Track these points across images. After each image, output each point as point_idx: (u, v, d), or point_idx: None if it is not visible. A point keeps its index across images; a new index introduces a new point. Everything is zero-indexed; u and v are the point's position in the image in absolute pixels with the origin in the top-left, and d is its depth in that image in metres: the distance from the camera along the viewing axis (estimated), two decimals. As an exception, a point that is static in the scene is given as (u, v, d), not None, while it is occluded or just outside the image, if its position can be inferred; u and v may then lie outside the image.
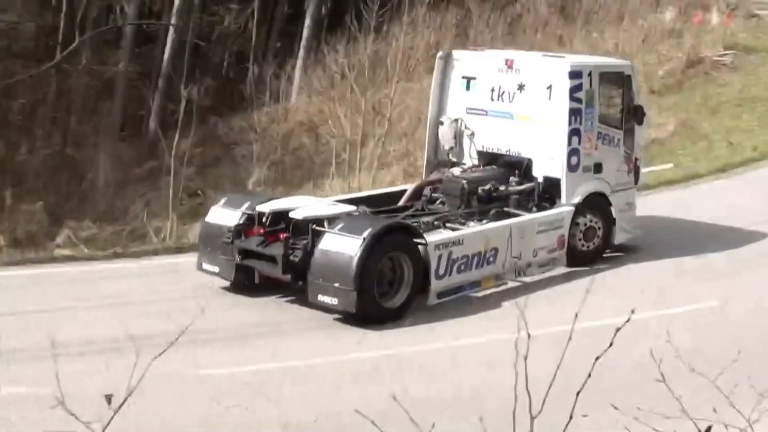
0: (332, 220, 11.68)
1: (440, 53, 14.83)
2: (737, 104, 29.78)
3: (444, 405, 8.24)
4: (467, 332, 10.82)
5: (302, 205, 12.21)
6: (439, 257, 11.68)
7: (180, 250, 14.91)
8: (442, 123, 14.38)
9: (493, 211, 13.48)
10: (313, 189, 21.24)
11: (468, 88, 14.22)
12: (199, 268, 12.52)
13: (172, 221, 16.40)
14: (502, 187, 13.68)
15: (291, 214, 11.84)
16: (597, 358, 2.38)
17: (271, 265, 11.72)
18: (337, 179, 20.30)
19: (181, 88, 21.41)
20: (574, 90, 13.46)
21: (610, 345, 2.32)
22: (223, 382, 9.18)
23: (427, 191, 14.09)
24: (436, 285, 11.72)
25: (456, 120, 14.31)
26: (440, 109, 14.50)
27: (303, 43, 30.77)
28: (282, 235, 11.75)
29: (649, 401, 4.12)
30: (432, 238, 11.87)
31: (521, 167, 13.88)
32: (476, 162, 14.29)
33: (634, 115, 14.21)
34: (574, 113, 13.47)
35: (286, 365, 9.74)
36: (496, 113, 14.04)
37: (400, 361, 9.87)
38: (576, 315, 2.50)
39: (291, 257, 11.48)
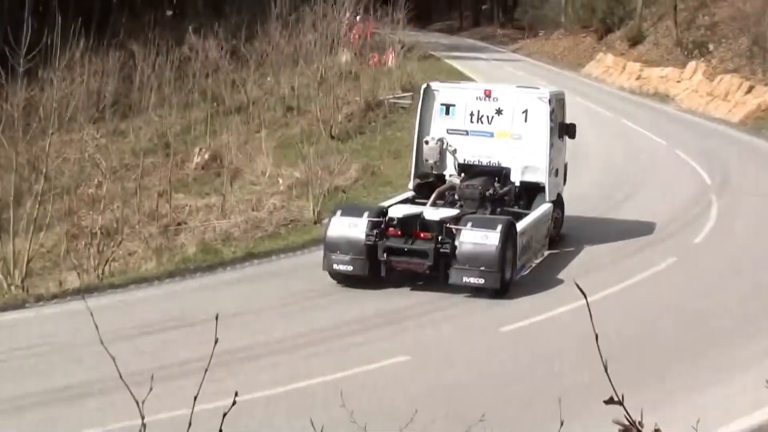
0: (457, 219, 15.77)
1: (423, 86, 18.83)
2: (417, 147, 31.53)
3: None
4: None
5: (419, 211, 16.09)
6: (519, 243, 15.88)
7: None
8: (426, 142, 18.42)
9: (498, 210, 17.63)
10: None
11: (447, 113, 18.49)
12: (329, 269, 15.75)
13: None
14: (493, 191, 17.93)
15: (426, 217, 15.78)
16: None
17: (418, 258, 15.43)
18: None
19: None
20: (551, 113, 18.04)
21: (189, 425, 2.32)
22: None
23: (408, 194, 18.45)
24: (518, 264, 15.95)
25: (440, 139, 18.41)
26: (423, 131, 18.56)
27: (-59, 91, 28.85)
28: (422, 234, 15.52)
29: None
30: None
31: (500, 175, 18.29)
32: (455, 173, 18.45)
33: (568, 130, 19.21)
34: (551, 131, 18.05)
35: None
36: (476, 133, 18.40)
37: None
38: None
39: (441, 250, 15.25)
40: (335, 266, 15.69)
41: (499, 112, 18.30)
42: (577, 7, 65.32)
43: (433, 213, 16.06)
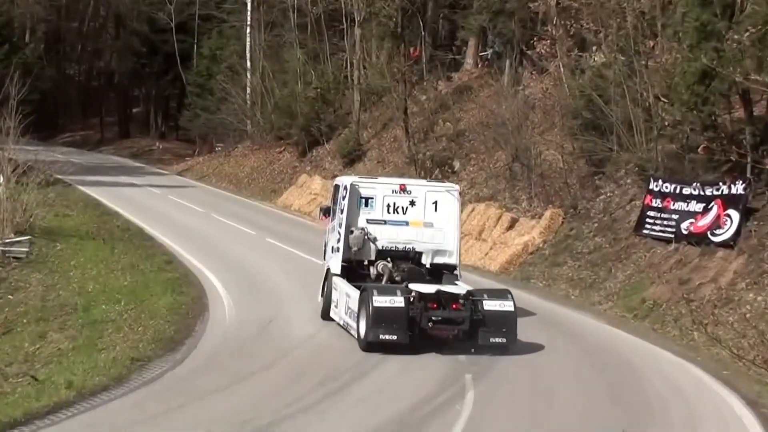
0: (475, 292, 27.22)
1: (351, 181, 30.18)
2: (41, 317, 30.93)
3: None
4: None
5: (435, 288, 27.10)
6: None
7: None
8: (351, 231, 29.38)
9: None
10: None
11: (367, 205, 29.71)
12: (376, 339, 25.91)
13: None
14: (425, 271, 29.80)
15: (454, 291, 27.24)
16: None
17: (453, 325, 26.44)
18: None
19: None
20: (459, 203, 30.66)
21: None
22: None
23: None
24: None
25: (362, 229, 29.57)
26: (350, 222, 29.51)
27: None
28: (454, 305, 26.57)
29: None
30: None
31: (413, 258, 29.84)
32: (373, 258, 29.71)
33: None
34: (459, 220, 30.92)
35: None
36: (393, 222, 29.81)
37: None
38: None
39: (474, 317, 26.33)
40: (381, 336, 25.85)
41: (412, 203, 29.89)
42: (268, 112, 66.75)
43: (451, 288, 27.57)
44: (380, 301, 25.97)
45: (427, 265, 29.90)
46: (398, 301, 26.02)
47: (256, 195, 59.18)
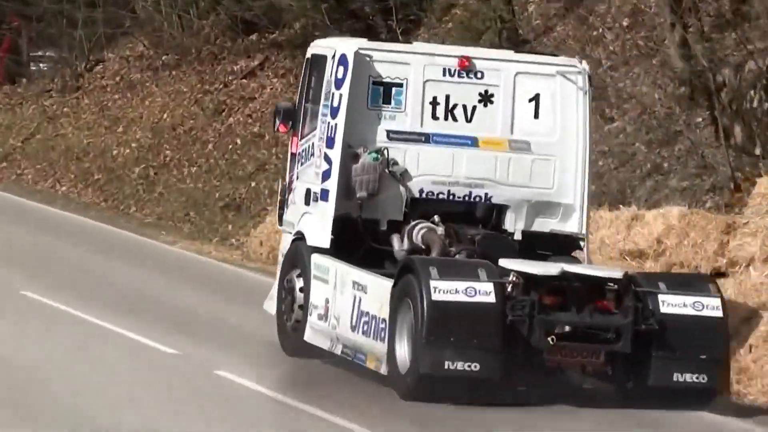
0: (640, 279, 22.70)
1: (355, 48, 24.06)
2: None
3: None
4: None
5: (563, 266, 22.32)
6: None
7: None
8: (356, 156, 23.81)
9: None
10: None
11: (387, 101, 24.04)
12: (437, 371, 21.28)
13: None
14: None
15: (597, 273, 22.39)
16: None
17: (597, 344, 21.73)
18: None
19: None
20: (590, 102, 24.92)
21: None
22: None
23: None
24: None
25: (378, 152, 23.78)
26: (350, 136, 24.31)
27: None
28: (598, 303, 21.85)
29: None
30: None
31: (483, 218, 24.43)
32: (399, 216, 24.46)
33: None
34: (589, 133, 25.24)
35: None
36: (443, 139, 24.11)
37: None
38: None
39: (644, 326, 21.82)
40: (448, 364, 21.02)
41: (485, 99, 23.79)
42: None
43: (591, 269, 22.59)
44: (445, 289, 20.94)
45: (517, 235, 24.00)
46: (483, 291, 20.97)
47: (174, 219, 42.09)
